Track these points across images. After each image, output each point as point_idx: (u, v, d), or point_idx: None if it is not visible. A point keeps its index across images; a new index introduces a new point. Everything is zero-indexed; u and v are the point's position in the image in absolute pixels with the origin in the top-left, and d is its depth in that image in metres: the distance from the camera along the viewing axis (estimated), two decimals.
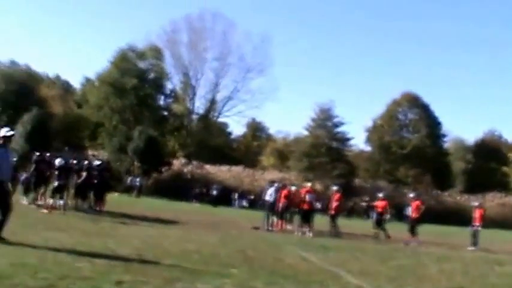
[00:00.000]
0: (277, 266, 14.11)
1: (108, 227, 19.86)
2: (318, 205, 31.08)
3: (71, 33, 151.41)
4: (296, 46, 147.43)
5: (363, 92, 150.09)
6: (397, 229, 30.77)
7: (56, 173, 25.64)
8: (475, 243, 27.89)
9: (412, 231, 28.17)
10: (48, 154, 29.16)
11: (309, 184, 30.21)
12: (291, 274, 12.78)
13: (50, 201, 25.24)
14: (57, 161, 26.15)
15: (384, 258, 18.63)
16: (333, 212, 28.54)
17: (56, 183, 25.34)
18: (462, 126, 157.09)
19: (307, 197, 28.01)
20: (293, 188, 30.54)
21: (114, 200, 30.06)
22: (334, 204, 28.57)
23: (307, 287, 11.33)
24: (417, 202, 28.98)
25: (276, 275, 12.36)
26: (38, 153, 28.57)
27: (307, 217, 27.67)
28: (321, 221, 29.04)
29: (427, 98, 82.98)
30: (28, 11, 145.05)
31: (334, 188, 30.77)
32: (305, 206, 27.77)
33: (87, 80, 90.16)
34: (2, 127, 14.90)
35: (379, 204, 29.98)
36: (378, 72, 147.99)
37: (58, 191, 25.32)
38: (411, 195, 31.50)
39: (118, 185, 56.38)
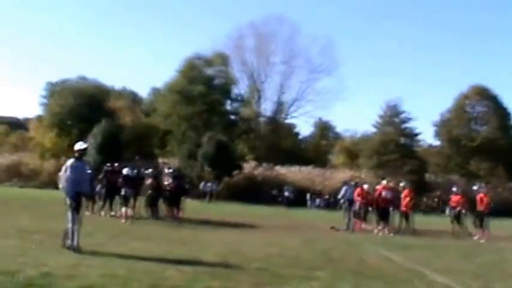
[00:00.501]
0: (361, 266, 13.99)
1: (189, 234, 19.95)
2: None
3: (136, 45, 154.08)
4: (362, 44, 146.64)
5: (430, 87, 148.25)
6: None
7: (123, 182, 25.94)
8: None
9: (481, 224, 27.38)
10: (116, 164, 29.33)
11: (384, 181, 29.93)
12: (376, 274, 12.64)
13: (122, 210, 25.51)
14: (124, 171, 26.52)
15: (467, 255, 18.29)
16: (404, 209, 28.11)
17: (123, 193, 25.64)
18: None
19: (384, 194, 27.75)
20: (366, 186, 30.15)
21: (188, 206, 30.16)
22: (405, 201, 28.14)
23: (395, 287, 11.15)
24: (481, 195, 28.06)
25: (361, 276, 12.25)
26: (108, 165, 29.00)
27: (384, 215, 27.43)
28: (397, 219, 28.69)
29: (496, 90, 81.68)
30: (94, 25, 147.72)
31: (402, 184, 30.26)
32: (382, 204, 27.55)
33: (154, 89, 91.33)
34: (76, 142, 15.13)
35: (454, 199, 29.40)
36: (444, 65, 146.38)
37: (126, 200, 25.62)
38: (475, 187, 30.56)
39: (190, 191, 56.84)
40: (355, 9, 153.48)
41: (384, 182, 29.71)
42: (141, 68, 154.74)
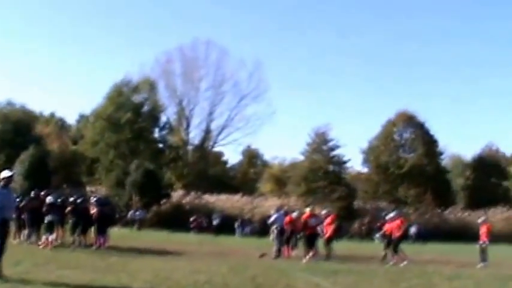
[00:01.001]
0: None
1: (117, 262, 19.79)
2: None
3: (65, 70, 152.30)
4: (290, 70, 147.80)
5: (358, 114, 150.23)
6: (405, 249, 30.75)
7: (47, 209, 25.97)
8: (484, 260, 27.82)
9: (395, 249, 27.96)
10: (42, 193, 29.04)
11: (308, 209, 30.22)
12: None
13: (49, 237, 25.39)
14: (48, 199, 26.57)
15: (394, 280, 18.60)
16: (328, 236, 28.45)
17: (48, 220, 25.68)
18: (459, 142, 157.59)
19: (309, 222, 28.05)
20: (294, 214, 30.41)
21: (116, 234, 29.93)
22: (328, 227, 28.50)
23: None
24: (398, 221, 28.68)
25: None
26: (33, 192, 28.77)
27: (311, 242, 27.69)
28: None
29: (422, 116, 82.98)
30: (22, 49, 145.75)
31: (324, 211, 30.68)
32: (308, 231, 27.83)
33: (82, 116, 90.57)
34: (3, 169, 15.06)
35: (390, 224, 29.92)
36: (372, 92, 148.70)
37: (51, 228, 25.71)
38: (391, 214, 30.93)
39: (118, 220, 56.41)
40: (283, 35, 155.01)
41: (308, 209, 29.97)
42: (69, 94, 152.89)
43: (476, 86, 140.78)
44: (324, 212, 30.42)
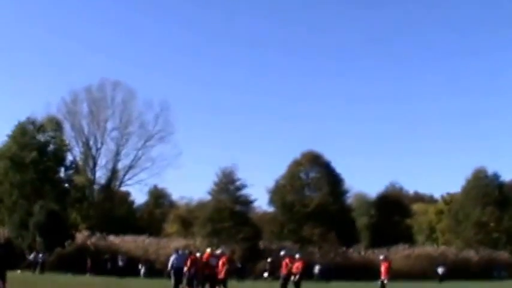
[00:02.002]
0: None
1: None
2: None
3: None
4: (196, 111, 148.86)
5: (265, 154, 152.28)
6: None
7: None
8: None
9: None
10: None
11: (208, 249, 30.63)
12: None
13: None
14: None
15: None
16: (221, 276, 28.80)
17: None
18: (364, 180, 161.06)
19: (210, 262, 28.48)
20: (198, 254, 30.75)
21: (17, 277, 29.36)
22: (222, 267, 28.85)
23: None
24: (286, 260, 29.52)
25: None
26: None
27: (211, 281, 28.18)
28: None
29: (328, 156, 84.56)
30: None
31: (218, 251, 31.14)
32: (207, 271, 28.26)
33: None
34: None
35: (296, 264, 30.55)
36: (278, 132, 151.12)
37: None
38: (282, 252, 31.55)
39: (20, 262, 55.35)
40: (190, 76, 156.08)
41: (208, 250, 30.41)
42: None
43: (381, 124, 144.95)
44: (218, 251, 30.79)
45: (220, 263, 29.06)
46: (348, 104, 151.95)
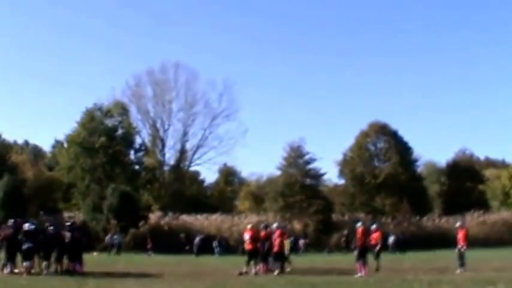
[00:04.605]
0: None
1: None
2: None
3: (38, 97, 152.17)
4: (261, 87, 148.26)
5: (332, 126, 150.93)
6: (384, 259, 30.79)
7: (24, 237, 25.89)
8: (462, 265, 27.83)
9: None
10: (12, 220, 28.61)
11: (274, 225, 30.21)
12: None
13: (23, 264, 25.59)
14: (25, 226, 26.47)
15: None
16: (276, 250, 28.26)
17: (24, 247, 25.69)
18: (433, 149, 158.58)
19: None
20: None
21: (94, 259, 29.54)
22: (276, 241, 28.27)
23: None
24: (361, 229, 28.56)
25: None
26: (12, 220, 28.37)
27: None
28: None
29: (394, 125, 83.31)
30: None
31: (274, 225, 30.46)
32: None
33: (57, 142, 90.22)
34: None
35: (374, 235, 30.09)
36: (345, 104, 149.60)
37: (26, 255, 25.72)
38: (358, 224, 30.61)
39: (97, 244, 56.02)
40: (252, 52, 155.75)
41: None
42: (43, 121, 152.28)
43: (448, 91, 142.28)
44: (274, 226, 30.21)
45: (275, 236, 28.55)
46: (413, 73, 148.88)
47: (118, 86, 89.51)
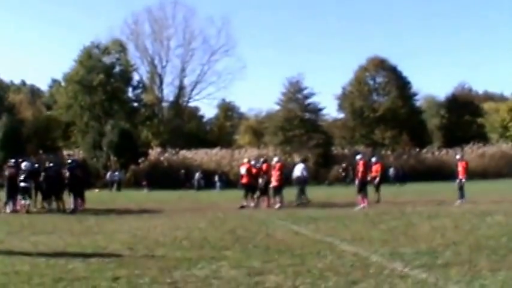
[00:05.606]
0: (270, 242, 13.99)
1: (94, 225, 19.60)
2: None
3: (33, 36, 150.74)
4: (258, 23, 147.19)
5: (330, 61, 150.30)
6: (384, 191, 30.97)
7: (22, 176, 26.15)
8: (461, 196, 27.94)
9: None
10: (12, 160, 28.65)
11: (275, 159, 30.16)
12: (286, 249, 12.68)
13: (22, 202, 25.96)
14: (23, 165, 26.75)
15: (374, 223, 18.57)
16: (275, 184, 28.19)
17: (21, 185, 26.00)
18: (432, 83, 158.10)
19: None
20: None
21: (95, 196, 29.70)
22: (275, 175, 28.24)
23: (304, 260, 11.19)
24: (361, 162, 28.47)
25: (270, 252, 12.26)
26: (13, 160, 28.42)
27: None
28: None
29: (394, 60, 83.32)
30: None
31: (275, 159, 30.38)
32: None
33: (54, 81, 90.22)
34: None
35: (374, 167, 30.18)
36: (342, 39, 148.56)
37: (25, 193, 26.13)
38: (358, 156, 30.48)
39: (97, 181, 56.32)
40: None
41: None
42: (39, 60, 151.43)
43: (447, 25, 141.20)
44: (275, 159, 30.12)
45: (275, 169, 28.57)
46: (412, 10, 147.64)
47: (116, 25, 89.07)
